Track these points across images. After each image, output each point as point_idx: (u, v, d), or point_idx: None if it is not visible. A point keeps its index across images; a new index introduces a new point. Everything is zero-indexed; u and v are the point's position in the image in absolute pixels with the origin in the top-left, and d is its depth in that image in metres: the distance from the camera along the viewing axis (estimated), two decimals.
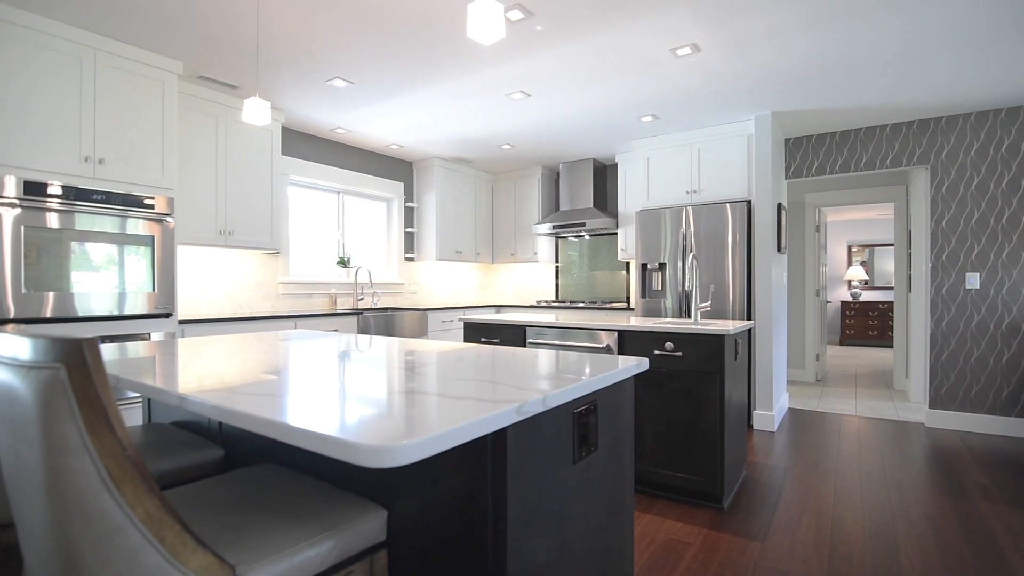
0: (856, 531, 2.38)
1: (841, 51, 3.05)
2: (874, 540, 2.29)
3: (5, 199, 2.51)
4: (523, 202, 6.02)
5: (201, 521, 0.99)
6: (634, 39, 2.94)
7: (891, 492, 2.82)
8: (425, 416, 0.85)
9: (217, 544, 0.90)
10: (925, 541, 2.29)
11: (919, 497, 2.75)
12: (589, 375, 1.21)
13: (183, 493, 1.12)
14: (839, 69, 3.29)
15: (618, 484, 1.38)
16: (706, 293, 4.25)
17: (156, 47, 3.02)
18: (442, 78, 3.48)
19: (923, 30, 2.80)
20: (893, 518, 2.51)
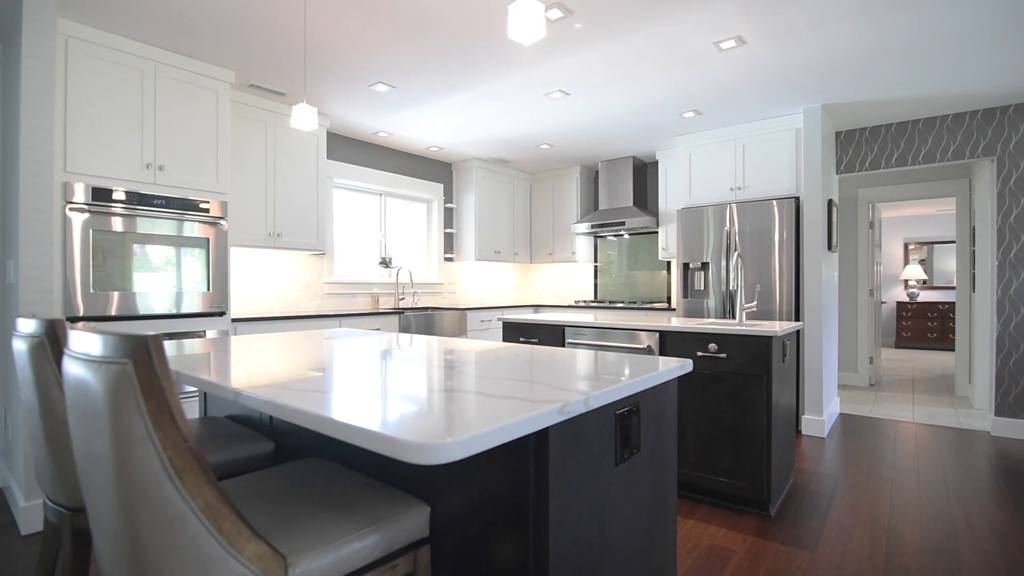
0: (914, 544, 2.26)
1: (897, 38, 2.90)
2: (934, 554, 2.17)
3: (75, 205, 2.68)
4: (561, 201, 6.00)
5: (254, 512, 1.03)
6: (676, 33, 2.88)
7: (953, 504, 2.66)
8: (468, 415, 0.86)
9: (269, 534, 0.94)
10: (991, 557, 2.15)
11: (984, 510, 2.59)
12: (631, 376, 1.20)
13: (237, 484, 1.16)
14: (895, 57, 3.13)
15: (661, 487, 1.36)
16: (752, 293, 4.12)
17: (210, 58, 3.17)
18: (481, 80, 3.51)
19: (987, 13, 2.64)
20: (955, 532, 2.37)
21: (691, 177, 4.63)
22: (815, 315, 3.92)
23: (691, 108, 4.04)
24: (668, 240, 5.19)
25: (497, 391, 1.04)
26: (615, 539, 1.16)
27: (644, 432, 1.27)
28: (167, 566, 0.79)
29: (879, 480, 2.99)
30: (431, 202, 5.61)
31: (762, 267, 4.11)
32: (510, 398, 0.97)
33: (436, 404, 0.94)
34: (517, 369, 1.31)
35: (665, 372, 1.31)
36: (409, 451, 0.72)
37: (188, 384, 1.25)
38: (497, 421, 0.81)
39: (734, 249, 4.22)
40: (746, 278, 4.16)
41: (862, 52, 3.07)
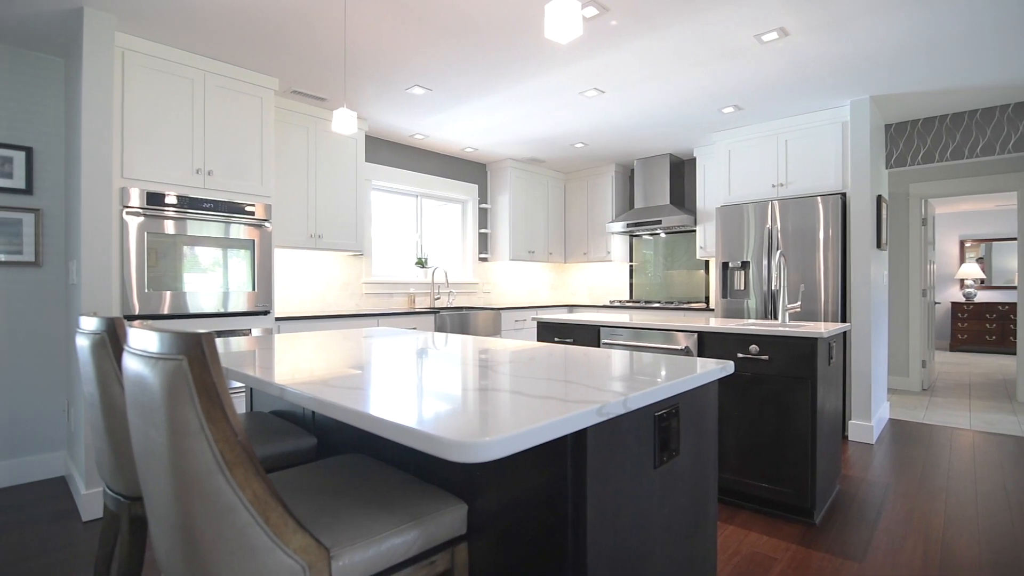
0: (971, 557, 2.14)
1: (952, 25, 2.75)
2: (993, 569, 2.06)
3: (131, 209, 2.82)
4: (596, 201, 5.95)
5: (298, 505, 1.06)
6: (714, 27, 2.82)
7: (1015, 516, 2.51)
8: (506, 414, 0.86)
9: (313, 527, 0.97)
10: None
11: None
12: (670, 378, 1.18)
13: (282, 477, 1.20)
14: (950, 45, 2.97)
15: (700, 492, 1.33)
16: (795, 293, 3.99)
17: (256, 66, 3.28)
18: (515, 80, 3.52)
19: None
20: (1017, 546, 2.23)
21: (731, 174, 4.51)
22: (863, 316, 3.76)
23: (731, 103, 3.94)
24: (706, 239, 5.08)
25: (534, 391, 1.04)
26: (654, 542, 1.15)
27: (683, 435, 1.25)
28: (218, 554, 0.82)
29: (932, 489, 2.85)
30: (466, 203, 5.65)
31: (806, 266, 3.97)
32: (547, 398, 0.97)
33: (474, 403, 0.94)
34: (553, 369, 1.31)
35: (705, 374, 1.28)
36: (448, 449, 0.73)
37: (236, 380, 1.30)
38: (535, 421, 0.81)
39: (776, 247, 4.10)
40: (789, 277, 4.03)
41: (913, 40, 2.93)
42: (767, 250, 4.15)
